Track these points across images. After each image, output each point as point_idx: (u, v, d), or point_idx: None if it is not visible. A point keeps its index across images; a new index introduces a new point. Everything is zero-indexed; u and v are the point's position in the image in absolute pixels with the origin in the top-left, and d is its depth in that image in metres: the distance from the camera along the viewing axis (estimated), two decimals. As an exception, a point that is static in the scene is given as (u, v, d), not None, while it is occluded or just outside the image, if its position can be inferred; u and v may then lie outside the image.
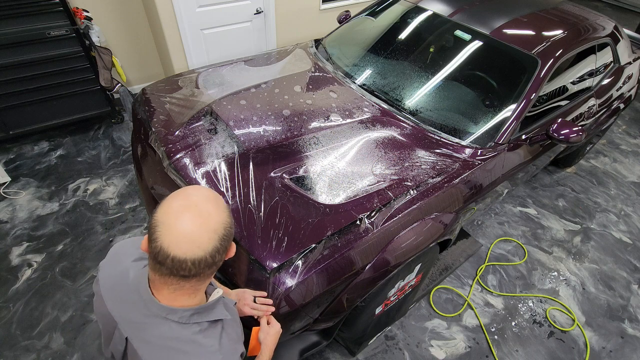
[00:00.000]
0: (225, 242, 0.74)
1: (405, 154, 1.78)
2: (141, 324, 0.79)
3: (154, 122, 1.88)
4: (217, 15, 3.16)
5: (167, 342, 0.77)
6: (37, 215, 2.53)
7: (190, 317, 0.79)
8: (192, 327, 0.79)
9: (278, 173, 1.61)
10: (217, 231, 0.72)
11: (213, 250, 0.72)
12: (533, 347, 2.08)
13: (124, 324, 0.82)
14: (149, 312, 0.78)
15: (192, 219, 0.70)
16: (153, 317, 0.78)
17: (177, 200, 0.73)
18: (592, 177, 3.29)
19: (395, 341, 2.04)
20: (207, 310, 0.82)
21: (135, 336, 0.80)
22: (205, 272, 0.74)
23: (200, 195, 0.74)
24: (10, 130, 2.87)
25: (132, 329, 0.81)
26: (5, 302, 2.07)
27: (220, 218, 0.73)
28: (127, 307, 0.82)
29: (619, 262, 2.60)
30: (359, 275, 1.43)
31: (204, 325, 0.81)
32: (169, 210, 0.71)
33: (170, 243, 0.69)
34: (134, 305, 0.80)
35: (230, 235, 0.76)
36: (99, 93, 3.06)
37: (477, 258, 2.52)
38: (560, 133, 1.94)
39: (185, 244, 0.69)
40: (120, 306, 0.84)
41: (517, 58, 2.04)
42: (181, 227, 0.69)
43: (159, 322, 0.78)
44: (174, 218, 0.70)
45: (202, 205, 0.72)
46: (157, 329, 0.78)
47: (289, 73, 2.27)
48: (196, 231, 0.70)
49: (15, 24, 2.50)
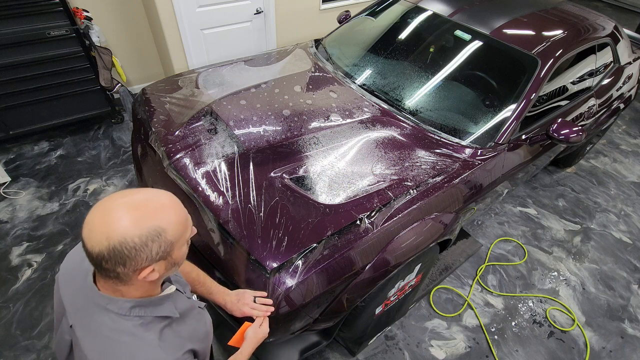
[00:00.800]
0: (115, 257, 0.68)
1: (405, 154, 1.78)
2: (85, 312, 0.78)
3: (154, 122, 1.88)
4: (217, 15, 3.16)
5: (107, 333, 0.76)
6: (37, 215, 2.53)
7: (130, 310, 0.77)
8: (133, 320, 0.77)
9: (278, 173, 1.61)
10: (110, 239, 0.67)
11: (98, 254, 0.68)
12: (533, 347, 2.08)
13: (71, 311, 0.81)
14: (91, 301, 0.77)
15: (102, 213, 0.69)
16: (95, 306, 0.77)
17: (118, 193, 0.72)
18: (592, 177, 3.29)
19: (395, 341, 2.04)
20: (151, 305, 0.80)
21: (79, 324, 0.79)
22: (101, 272, 0.72)
23: (133, 201, 0.71)
24: (10, 130, 2.86)
25: (78, 316, 0.80)
26: (5, 302, 2.07)
27: (124, 231, 0.68)
28: (77, 294, 0.81)
29: (619, 262, 2.60)
30: (359, 275, 1.43)
31: (147, 319, 0.79)
32: (106, 197, 0.72)
33: (84, 223, 0.70)
34: (82, 292, 0.80)
35: (128, 256, 0.69)
36: (99, 93, 3.06)
37: (477, 258, 2.52)
38: (560, 133, 1.94)
39: (85, 229, 0.69)
40: (71, 292, 0.83)
41: (517, 58, 2.04)
42: (95, 213, 0.69)
43: (100, 311, 0.77)
44: (98, 204, 0.71)
45: (119, 209, 0.69)
46: (99, 318, 0.77)
47: (289, 73, 2.27)
48: (94, 226, 0.68)
49: (15, 24, 2.49)
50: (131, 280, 0.74)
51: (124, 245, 0.68)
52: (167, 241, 0.73)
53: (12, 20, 2.48)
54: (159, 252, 0.73)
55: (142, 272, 0.73)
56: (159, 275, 0.76)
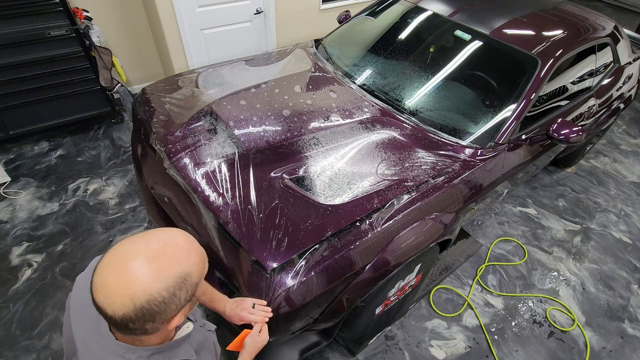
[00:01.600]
0: (143, 316, 0.63)
1: (405, 154, 1.78)
2: (100, 358, 0.73)
3: (154, 122, 1.88)
4: (217, 15, 3.16)
5: None
6: (37, 215, 2.53)
7: (149, 358, 0.72)
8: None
9: (278, 173, 1.61)
10: (135, 300, 0.61)
11: (124, 317, 0.62)
12: (533, 347, 2.08)
13: (84, 353, 0.75)
14: (106, 348, 0.72)
15: (118, 273, 0.62)
16: (111, 353, 0.72)
17: (126, 243, 0.65)
18: (592, 177, 3.29)
19: (395, 341, 2.04)
20: (170, 349, 0.75)
21: None
22: (147, 328, 0.65)
23: (149, 250, 0.64)
24: (10, 130, 2.86)
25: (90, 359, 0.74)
26: (5, 302, 2.07)
27: (149, 287, 0.62)
28: (89, 338, 0.75)
29: (619, 262, 2.60)
30: (359, 275, 1.43)
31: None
32: (113, 251, 0.65)
33: (95, 285, 0.63)
34: (94, 336, 0.73)
35: (158, 311, 0.64)
36: (99, 93, 3.06)
37: (477, 258, 2.52)
38: (560, 133, 1.94)
39: (101, 294, 0.62)
40: (83, 332, 0.76)
41: (517, 58, 2.04)
42: (106, 274, 0.62)
43: (116, 359, 0.71)
44: (106, 261, 0.63)
45: (136, 263, 0.62)
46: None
47: (289, 73, 2.27)
48: (112, 288, 0.61)
49: (15, 24, 2.49)
50: (159, 331, 0.69)
51: (151, 302, 0.62)
52: (193, 284, 0.69)
53: (12, 20, 2.48)
54: (187, 297, 0.68)
55: (172, 322, 0.68)
56: (181, 322, 0.72)
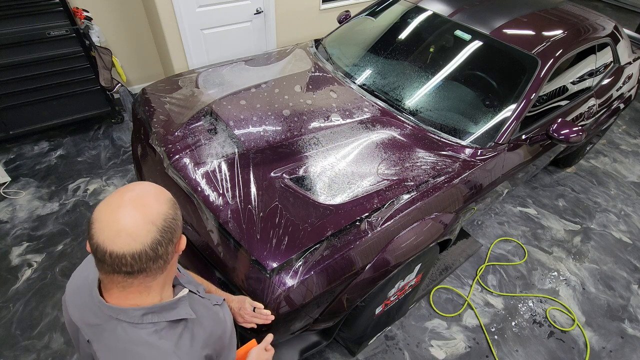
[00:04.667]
0: (167, 234, 0.71)
1: (405, 154, 1.78)
2: (98, 327, 0.77)
3: (154, 122, 1.88)
4: (217, 15, 3.16)
5: (121, 344, 0.74)
6: (37, 215, 2.53)
7: (142, 317, 0.75)
8: (147, 328, 0.75)
9: (278, 173, 1.61)
10: (156, 222, 0.70)
11: (153, 242, 0.69)
12: (533, 347, 2.08)
13: (84, 328, 0.80)
14: (101, 314, 0.76)
15: (127, 212, 0.68)
16: (106, 318, 0.75)
17: (115, 195, 0.72)
18: (592, 177, 3.29)
19: (395, 341, 2.04)
20: (164, 310, 0.78)
21: (94, 339, 0.77)
22: (150, 267, 0.71)
23: (139, 190, 0.73)
24: (10, 130, 2.86)
25: (91, 332, 0.78)
26: (5, 302, 2.07)
27: (159, 209, 0.72)
28: (85, 311, 0.80)
29: (619, 262, 2.60)
30: (359, 275, 1.43)
31: (161, 325, 0.77)
32: (105, 206, 0.70)
33: (105, 239, 0.67)
34: (90, 308, 0.78)
35: (174, 228, 0.74)
36: (99, 93, 3.06)
37: (477, 258, 2.52)
38: (560, 133, 1.94)
39: (121, 238, 0.67)
40: (79, 310, 0.81)
41: (517, 58, 2.04)
42: (116, 221, 0.67)
43: (113, 323, 0.75)
44: (109, 213, 0.69)
45: (138, 199, 0.71)
46: (112, 331, 0.75)
47: (289, 73, 2.27)
48: (131, 224, 0.68)
49: (15, 24, 2.49)
50: (172, 260, 0.77)
51: (167, 219, 0.72)
52: (180, 212, 0.79)
53: (12, 20, 2.48)
54: (181, 222, 0.79)
55: (180, 242, 0.78)
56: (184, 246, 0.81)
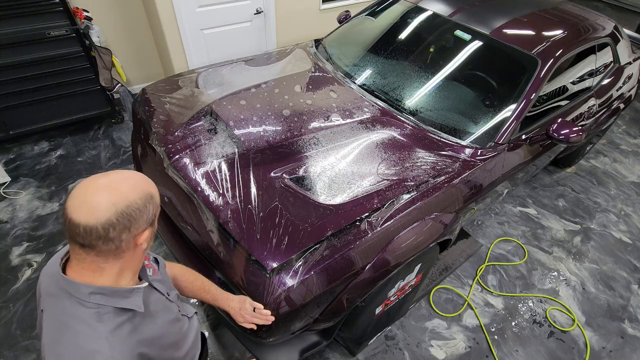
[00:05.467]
0: (124, 220, 0.72)
1: (405, 154, 1.78)
2: (52, 297, 0.78)
3: (154, 122, 1.87)
4: (217, 15, 3.16)
5: (64, 318, 0.75)
6: (37, 215, 2.53)
7: (89, 295, 0.75)
8: (91, 308, 0.75)
9: (278, 173, 1.61)
10: (117, 205, 0.71)
11: (106, 222, 0.69)
12: (533, 347, 2.08)
13: (44, 296, 0.82)
14: (58, 285, 0.77)
15: (97, 188, 0.71)
16: (61, 290, 0.77)
17: (102, 173, 0.76)
18: (592, 177, 3.29)
19: (395, 341, 2.04)
20: (115, 295, 0.77)
21: (47, 309, 0.79)
22: (100, 247, 0.72)
23: (122, 175, 0.76)
24: (10, 130, 2.86)
25: (47, 301, 0.80)
26: (5, 302, 2.07)
27: (127, 195, 0.73)
28: (50, 280, 0.81)
29: (619, 262, 2.60)
30: (359, 275, 1.43)
31: (106, 309, 0.76)
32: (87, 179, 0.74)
33: (70, 205, 0.70)
34: (53, 277, 0.80)
35: (135, 217, 0.73)
36: (99, 93, 3.06)
37: (477, 258, 2.52)
38: (560, 133, 1.94)
39: (81, 208, 0.69)
40: (46, 278, 0.83)
41: (517, 58, 2.04)
42: (85, 193, 0.71)
43: (64, 296, 0.76)
44: (85, 185, 0.72)
45: (115, 181, 0.74)
46: (62, 303, 0.76)
47: (289, 73, 2.27)
48: (95, 199, 0.70)
49: (15, 24, 2.49)
50: (128, 250, 0.76)
51: (130, 207, 0.72)
52: (156, 205, 0.79)
53: (12, 20, 2.47)
54: (153, 214, 0.78)
55: (140, 238, 0.77)
56: (148, 244, 0.81)
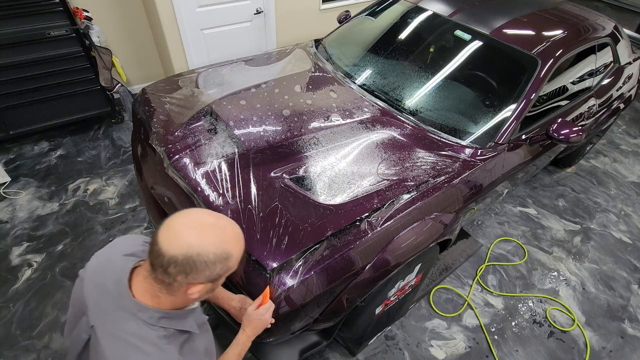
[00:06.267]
0: (186, 264, 0.73)
1: (405, 154, 1.78)
2: (111, 315, 0.80)
3: (154, 122, 1.87)
4: (217, 15, 3.16)
5: (131, 339, 0.78)
6: (37, 215, 2.53)
7: (158, 320, 0.80)
8: (158, 331, 0.80)
9: (278, 173, 1.61)
10: (190, 247, 0.73)
11: (172, 257, 0.72)
12: (533, 347, 2.08)
13: (94, 311, 0.82)
14: (121, 305, 0.80)
15: (189, 223, 0.75)
16: (124, 310, 0.79)
17: (198, 211, 0.79)
18: (592, 177, 3.29)
19: (395, 341, 2.04)
20: (177, 318, 0.83)
21: (102, 326, 0.80)
22: (159, 275, 0.75)
23: (216, 222, 0.78)
24: (10, 130, 2.86)
25: (101, 318, 0.81)
26: (5, 302, 2.07)
27: (204, 244, 0.74)
28: (103, 296, 0.83)
29: (619, 262, 2.60)
30: (359, 275, 1.43)
31: (170, 331, 0.81)
32: (186, 212, 0.78)
33: (166, 223, 0.75)
34: (110, 295, 0.82)
35: (197, 268, 0.74)
36: (99, 93, 3.06)
37: (477, 258, 2.52)
38: (560, 133, 1.94)
39: (167, 231, 0.74)
40: (96, 293, 0.84)
41: (517, 58, 2.04)
42: (180, 219, 0.75)
43: (128, 317, 0.79)
44: (186, 214, 0.77)
45: (207, 225, 0.76)
46: (125, 323, 0.78)
47: (289, 73, 2.27)
48: (179, 230, 0.73)
49: (15, 24, 2.49)
50: (178, 292, 0.78)
51: (200, 257, 0.73)
52: (227, 267, 0.79)
53: (12, 20, 2.47)
54: (218, 274, 0.78)
55: (193, 288, 0.77)
56: (199, 296, 0.81)
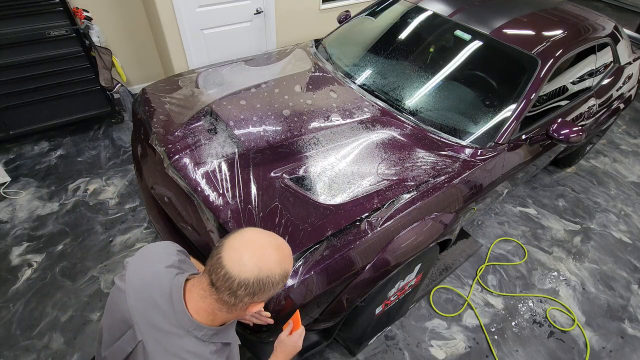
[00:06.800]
0: (256, 287, 0.76)
1: (405, 154, 1.78)
2: (164, 332, 0.81)
3: (154, 122, 1.88)
4: (217, 15, 3.16)
5: (185, 355, 0.80)
6: (37, 215, 2.53)
7: (211, 337, 0.83)
8: (210, 346, 0.83)
9: (278, 173, 1.61)
10: (261, 271, 0.76)
11: (244, 280, 0.75)
12: (533, 347, 2.08)
13: (144, 327, 0.83)
14: (176, 322, 0.81)
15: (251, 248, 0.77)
16: (179, 327, 0.81)
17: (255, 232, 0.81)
18: (592, 177, 3.29)
19: (395, 341, 2.04)
20: (225, 332, 0.87)
21: (153, 341, 0.81)
22: (223, 295, 0.77)
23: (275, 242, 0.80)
24: (10, 130, 2.86)
25: (151, 333, 0.82)
26: (5, 302, 2.07)
27: (273, 268, 0.77)
28: (154, 312, 0.83)
29: (619, 262, 2.60)
30: (359, 275, 1.43)
31: (218, 345, 0.85)
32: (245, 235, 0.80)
33: (228, 245, 0.77)
34: (162, 312, 0.82)
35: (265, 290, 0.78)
36: (99, 93, 3.06)
37: (477, 258, 2.52)
38: (560, 133, 1.94)
39: (235, 262, 0.75)
40: (145, 308, 0.84)
41: (517, 58, 2.04)
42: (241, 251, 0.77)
43: (182, 333, 0.81)
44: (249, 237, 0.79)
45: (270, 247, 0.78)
46: (179, 340, 0.81)
47: (289, 73, 2.27)
48: (247, 259, 0.75)
49: (15, 24, 2.49)
50: (239, 310, 0.81)
51: (270, 278, 0.77)
52: (285, 284, 0.84)
53: (12, 20, 2.47)
54: (277, 291, 0.82)
55: (253, 307, 0.81)
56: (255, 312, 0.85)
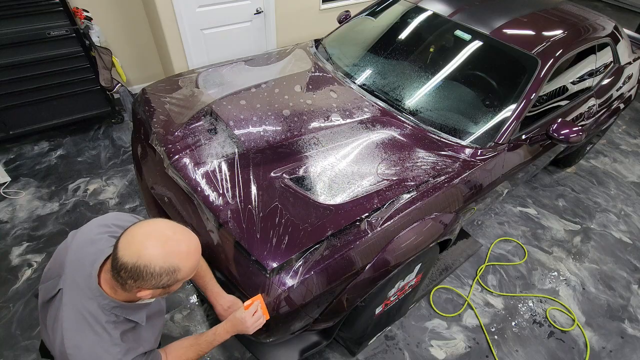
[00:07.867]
0: (134, 272, 0.82)
1: (405, 154, 1.78)
2: (79, 289, 0.92)
3: (154, 122, 1.88)
4: (217, 15, 3.16)
5: (87, 316, 0.90)
6: (37, 215, 2.53)
7: (113, 308, 0.92)
8: (109, 316, 0.92)
9: (278, 173, 1.61)
10: (139, 259, 0.81)
11: (123, 263, 0.82)
12: (533, 347, 2.08)
13: (68, 279, 0.94)
14: (89, 285, 0.92)
15: (142, 236, 0.83)
16: (90, 290, 0.92)
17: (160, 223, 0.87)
18: (592, 177, 3.29)
19: (395, 341, 2.04)
20: (129, 309, 0.95)
21: (69, 294, 0.93)
22: (114, 274, 0.85)
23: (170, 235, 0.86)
24: (10, 130, 2.86)
25: (71, 287, 0.93)
26: (5, 302, 2.07)
27: (153, 257, 0.82)
28: (80, 270, 0.94)
29: (619, 262, 2.60)
30: (359, 275, 1.43)
31: (119, 318, 0.94)
32: (149, 222, 0.87)
33: (126, 234, 0.84)
34: (85, 272, 0.94)
35: (144, 277, 0.83)
36: (99, 93, 3.06)
37: (477, 258, 2.52)
38: (560, 133, 1.94)
39: (124, 242, 0.83)
40: (75, 265, 0.96)
41: (517, 58, 2.04)
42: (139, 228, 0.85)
43: (91, 296, 0.91)
44: (144, 225, 0.86)
45: (158, 239, 0.84)
46: (87, 301, 0.91)
47: (289, 73, 2.27)
48: (134, 240, 0.82)
49: (15, 24, 2.49)
50: (130, 292, 0.88)
51: (147, 268, 0.82)
52: (175, 279, 0.88)
53: (12, 20, 2.47)
54: (165, 284, 0.87)
55: (142, 292, 0.87)
56: (150, 298, 0.92)
